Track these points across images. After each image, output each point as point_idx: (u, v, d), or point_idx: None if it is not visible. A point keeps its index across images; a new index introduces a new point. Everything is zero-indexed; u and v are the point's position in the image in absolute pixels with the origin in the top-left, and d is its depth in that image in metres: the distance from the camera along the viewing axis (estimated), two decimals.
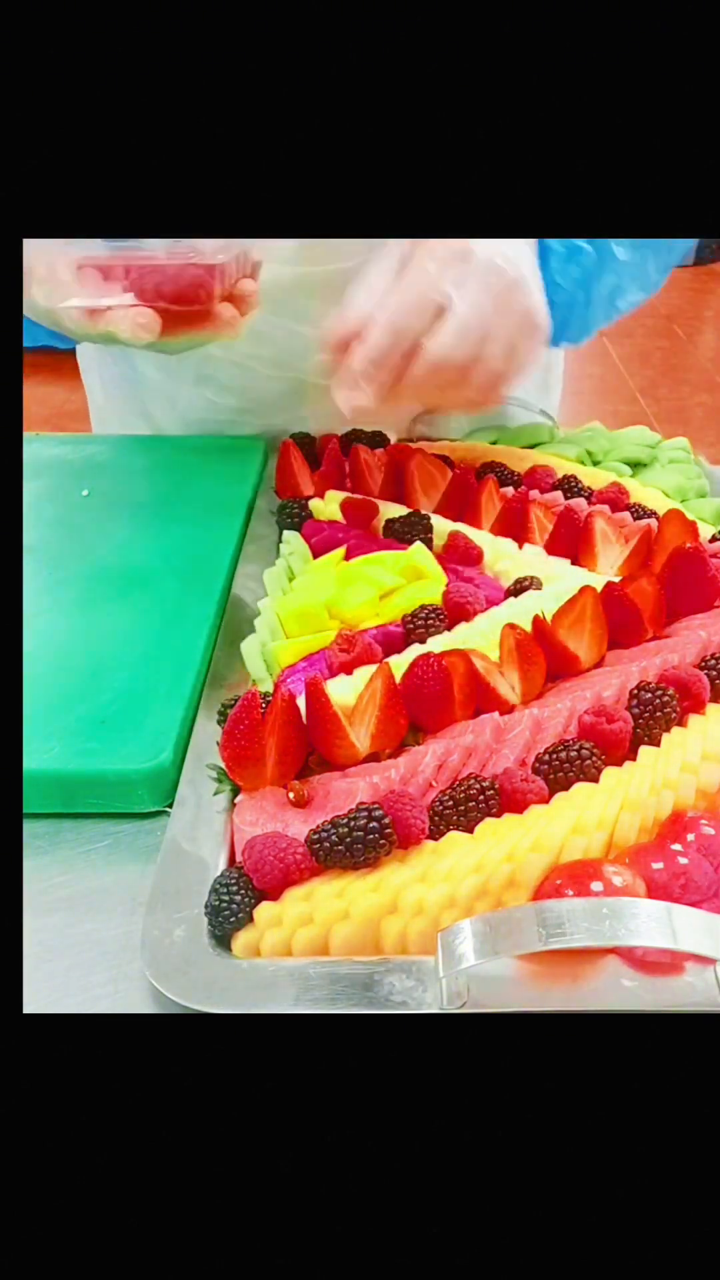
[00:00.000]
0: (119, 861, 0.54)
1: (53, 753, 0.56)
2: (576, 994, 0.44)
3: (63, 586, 0.72)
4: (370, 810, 0.48)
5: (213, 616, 0.69)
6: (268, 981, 0.45)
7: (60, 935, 0.50)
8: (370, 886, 0.47)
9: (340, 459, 0.85)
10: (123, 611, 0.69)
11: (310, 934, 0.46)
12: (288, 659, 0.64)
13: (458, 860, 0.48)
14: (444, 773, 0.54)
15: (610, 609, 0.63)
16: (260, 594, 0.72)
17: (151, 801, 0.56)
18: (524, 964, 0.45)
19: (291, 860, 0.48)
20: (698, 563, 0.67)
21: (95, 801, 0.56)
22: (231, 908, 0.47)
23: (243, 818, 0.52)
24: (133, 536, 0.79)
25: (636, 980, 0.44)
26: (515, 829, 0.49)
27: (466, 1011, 0.43)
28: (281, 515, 0.81)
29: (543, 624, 0.62)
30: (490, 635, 0.63)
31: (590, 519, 0.73)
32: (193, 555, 0.76)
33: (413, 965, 0.45)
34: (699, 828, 0.49)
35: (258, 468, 0.89)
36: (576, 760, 0.52)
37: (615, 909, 0.41)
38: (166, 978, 0.45)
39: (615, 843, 0.49)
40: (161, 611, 0.69)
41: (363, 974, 0.45)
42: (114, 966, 0.48)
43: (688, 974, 0.44)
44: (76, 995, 0.47)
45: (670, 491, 0.83)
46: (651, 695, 0.56)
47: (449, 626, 0.65)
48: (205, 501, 0.84)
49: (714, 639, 0.63)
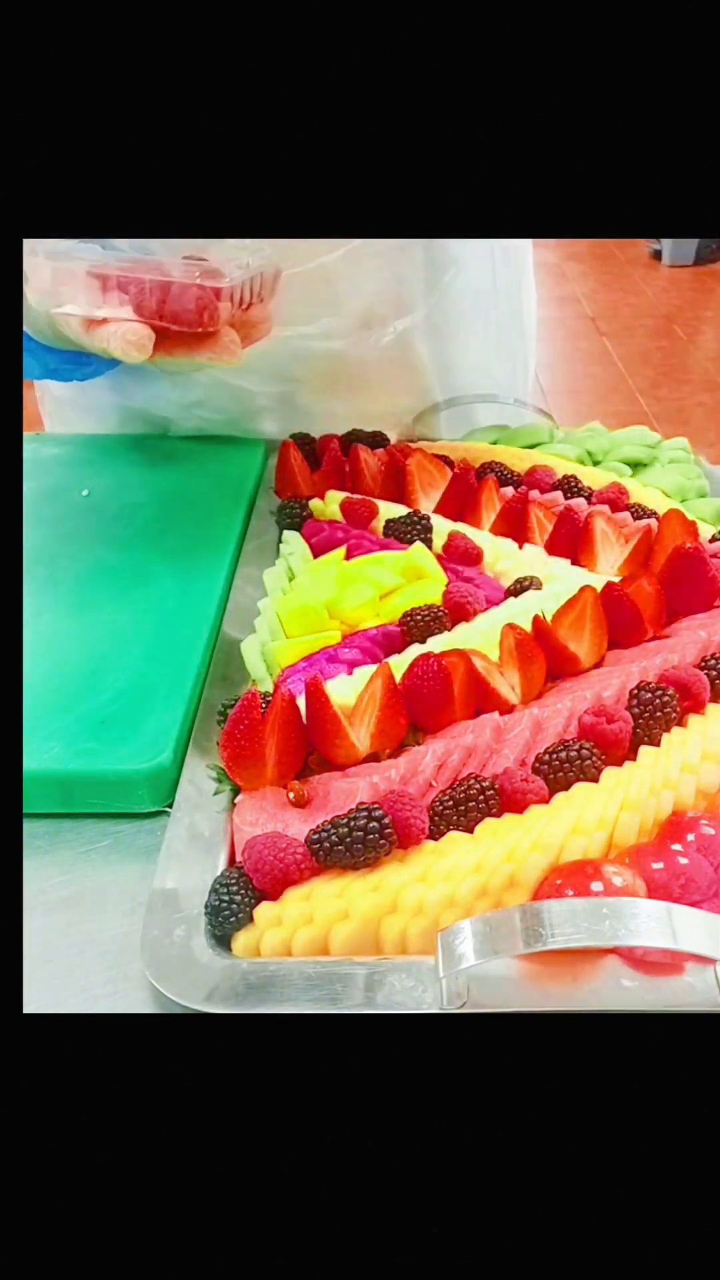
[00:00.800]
0: (119, 861, 0.54)
1: (53, 753, 0.56)
2: (576, 994, 0.44)
3: (63, 586, 0.72)
4: (370, 810, 0.48)
5: (213, 616, 0.69)
6: (268, 981, 0.45)
7: (60, 935, 0.50)
8: (370, 886, 0.47)
9: (340, 459, 0.85)
10: (123, 611, 0.69)
11: (310, 934, 0.46)
12: (288, 659, 0.64)
13: (458, 860, 0.48)
14: (444, 773, 0.54)
15: (610, 609, 0.63)
16: (260, 594, 0.72)
17: (151, 801, 0.56)
18: (524, 964, 0.45)
19: (291, 860, 0.48)
20: (698, 563, 0.67)
21: (95, 801, 0.56)
22: (231, 908, 0.47)
23: (243, 818, 0.52)
24: (133, 536, 0.79)
25: (636, 980, 0.44)
26: (515, 829, 0.49)
27: (466, 1011, 0.43)
28: (281, 515, 0.81)
29: (543, 624, 0.62)
30: (490, 635, 0.63)
31: (590, 519, 0.73)
32: (193, 555, 0.76)
33: (413, 965, 0.45)
34: (699, 828, 0.49)
35: (258, 468, 0.89)
36: (576, 760, 0.52)
37: (615, 909, 0.41)
38: (166, 978, 0.45)
39: (615, 843, 0.49)
40: (161, 611, 0.69)
41: (363, 974, 0.45)
42: (114, 966, 0.48)
43: (688, 974, 0.44)
44: (76, 995, 0.47)
45: (670, 491, 0.83)
46: (651, 695, 0.56)
47: (449, 626, 0.65)
48: (205, 501, 0.84)
49: (714, 639, 0.63)
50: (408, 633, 0.65)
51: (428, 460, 0.82)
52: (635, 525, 0.75)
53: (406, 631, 0.65)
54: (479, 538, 0.75)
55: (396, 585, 0.69)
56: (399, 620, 0.65)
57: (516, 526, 0.77)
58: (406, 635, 0.65)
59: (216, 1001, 0.44)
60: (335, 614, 0.67)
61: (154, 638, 0.66)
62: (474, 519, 0.79)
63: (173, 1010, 0.44)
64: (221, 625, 0.68)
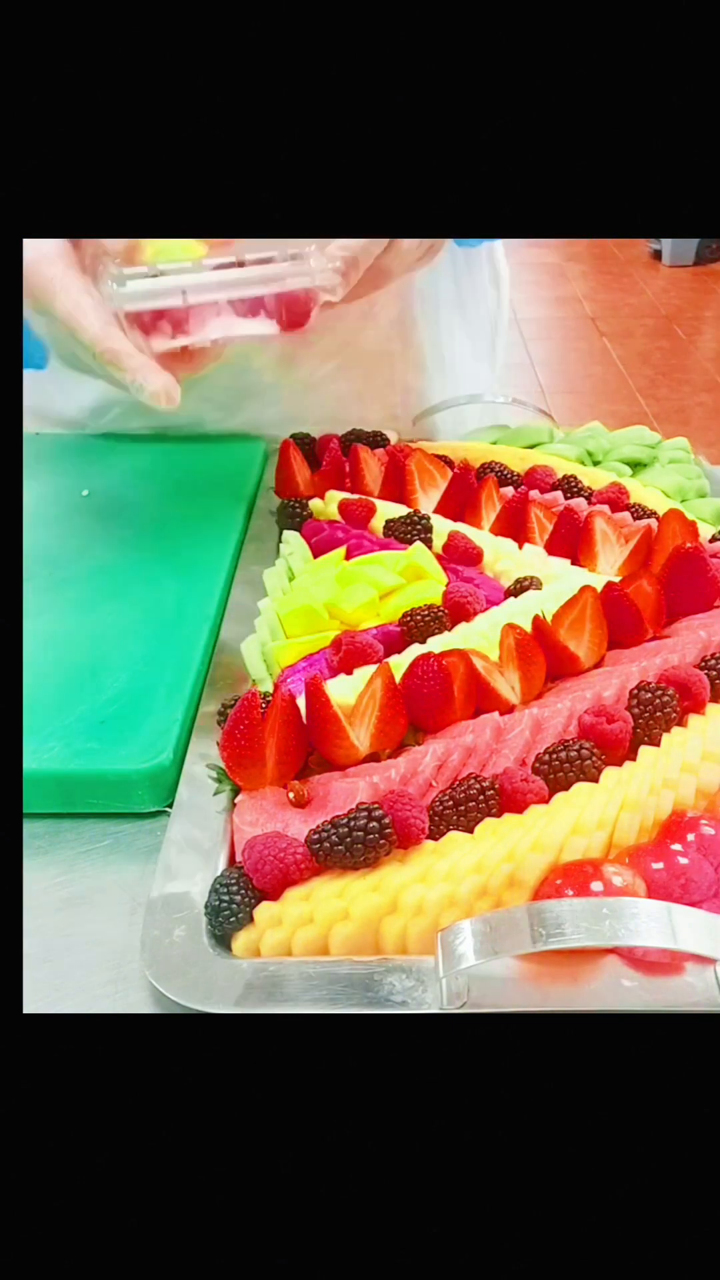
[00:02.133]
0: (119, 861, 0.54)
1: (53, 753, 0.56)
2: (576, 994, 0.44)
3: (63, 586, 0.72)
4: (370, 810, 0.48)
5: (213, 616, 0.69)
6: (267, 981, 0.45)
7: (60, 935, 0.50)
8: (370, 886, 0.47)
9: (340, 459, 0.85)
10: (123, 611, 0.69)
11: (310, 934, 0.46)
12: (288, 659, 0.64)
13: (458, 860, 0.48)
14: (444, 773, 0.54)
15: (610, 609, 0.63)
16: (260, 594, 0.72)
17: (151, 801, 0.56)
18: (524, 964, 0.45)
19: (291, 860, 0.48)
20: (698, 563, 0.67)
21: (95, 801, 0.56)
22: (231, 908, 0.47)
23: (243, 818, 0.52)
24: (133, 536, 0.79)
25: (636, 980, 0.44)
26: (515, 829, 0.49)
27: (466, 1011, 0.43)
28: (281, 515, 0.81)
29: (543, 624, 0.62)
30: (490, 635, 0.63)
31: (590, 519, 0.73)
32: (193, 555, 0.76)
33: (413, 965, 0.45)
34: (699, 828, 0.49)
35: (258, 468, 0.89)
36: (576, 760, 0.52)
37: (615, 909, 0.41)
38: (166, 978, 0.45)
39: (615, 843, 0.49)
40: (161, 611, 0.69)
41: (363, 974, 0.45)
42: (114, 966, 0.48)
43: (688, 974, 0.44)
44: (76, 995, 0.47)
45: (670, 491, 0.83)
46: (651, 695, 0.56)
47: (449, 626, 0.65)
48: (205, 501, 0.84)
49: (714, 639, 0.63)
50: (408, 633, 0.65)
51: (428, 460, 0.82)
52: (635, 525, 0.75)
53: (406, 631, 0.65)
54: (479, 538, 0.75)
55: (396, 585, 0.69)
56: (399, 620, 0.65)
57: (516, 526, 0.77)
58: (406, 635, 0.65)
59: (216, 1001, 0.44)
60: (335, 614, 0.67)
61: (154, 638, 0.66)
62: (474, 519, 0.79)
63: (173, 1010, 0.44)
64: (221, 625, 0.68)
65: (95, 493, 0.86)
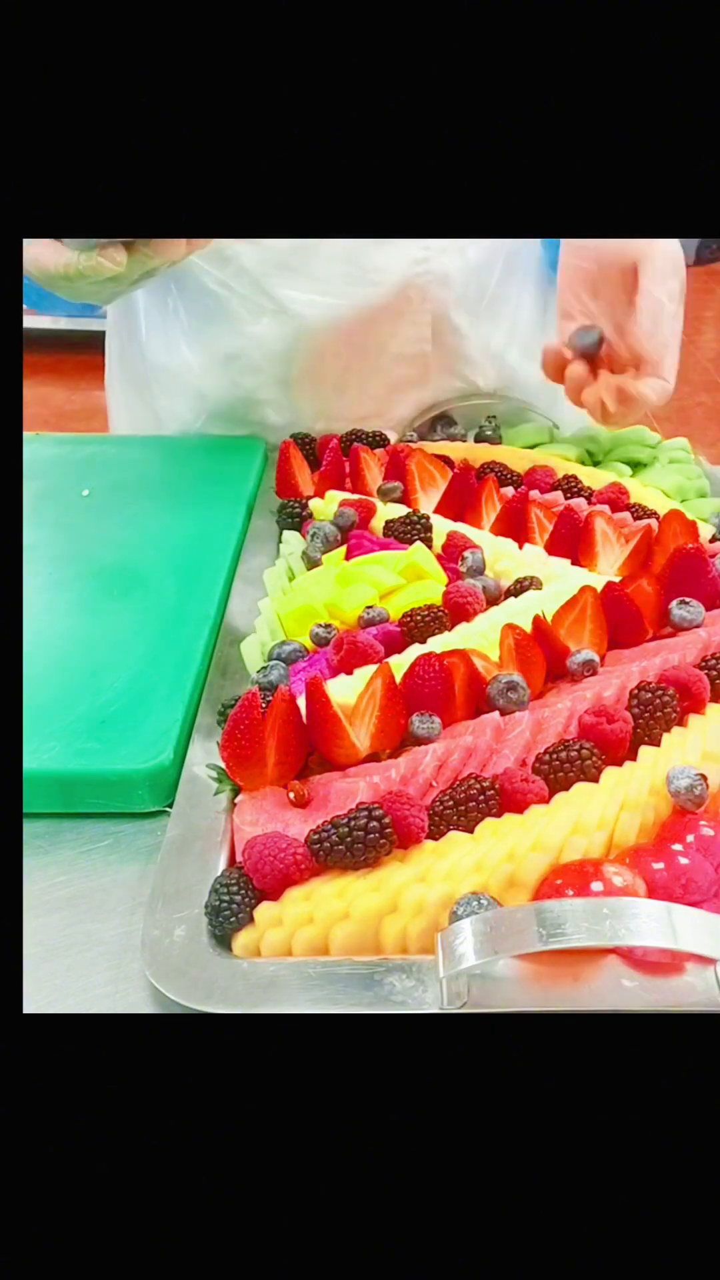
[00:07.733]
0: (119, 861, 0.54)
1: (53, 753, 0.56)
2: (577, 994, 0.44)
3: (63, 586, 0.72)
4: (370, 810, 0.48)
5: (213, 616, 0.69)
6: (268, 981, 0.45)
7: (60, 935, 0.50)
8: (370, 886, 0.47)
9: (340, 459, 0.85)
10: (123, 611, 0.69)
11: (310, 934, 0.46)
12: None
13: (458, 860, 0.48)
14: (444, 773, 0.54)
15: (610, 609, 0.63)
16: (260, 594, 0.72)
17: (151, 801, 0.56)
18: (524, 964, 0.45)
19: (291, 860, 0.48)
20: (698, 563, 0.67)
21: (95, 801, 0.56)
22: (231, 908, 0.47)
23: (243, 818, 0.52)
24: (133, 536, 0.79)
25: (636, 980, 0.44)
26: (515, 829, 0.49)
27: (466, 1011, 0.43)
28: (281, 515, 0.81)
29: (543, 624, 0.62)
30: (490, 635, 0.63)
31: (590, 519, 0.73)
32: (193, 555, 0.76)
33: (413, 965, 0.45)
34: (699, 828, 0.49)
35: (258, 468, 0.89)
36: (576, 760, 0.52)
37: (615, 909, 0.41)
38: (166, 978, 0.45)
39: (615, 843, 0.49)
40: (161, 611, 0.69)
41: (363, 974, 0.45)
42: (114, 966, 0.48)
43: (688, 974, 0.44)
44: (76, 995, 0.47)
45: (670, 491, 0.83)
46: (651, 695, 0.56)
47: (449, 626, 0.65)
48: (205, 502, 0.84)
49: (714, 639, 0.63)
50: (408, 633, 0.65)
51: (428, 460, 0.82)
52: (635, 525, 0.75)
53: (406, 631, 0.65)
54: (479, 538, 0.75)
55: (396, 585, 0.69)
56: (399, 620, 0.65)
57: (516, 526, 0.77)
58: (406, 635, 0.65)
59: (217, 1001, 0.44)
60: (335, 614, 0.67)
61: (154, 638, 0.66)
62: (474, 519, 0.79)
63: (173, 1010, 0.44)
64: (221, 625, 0.68)
65: (95, 493, 0.86)
